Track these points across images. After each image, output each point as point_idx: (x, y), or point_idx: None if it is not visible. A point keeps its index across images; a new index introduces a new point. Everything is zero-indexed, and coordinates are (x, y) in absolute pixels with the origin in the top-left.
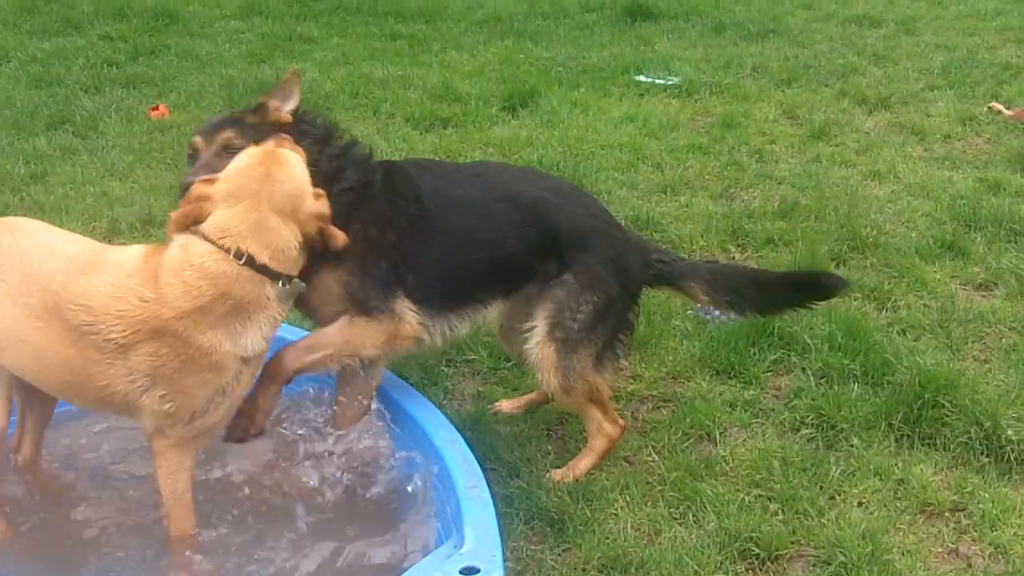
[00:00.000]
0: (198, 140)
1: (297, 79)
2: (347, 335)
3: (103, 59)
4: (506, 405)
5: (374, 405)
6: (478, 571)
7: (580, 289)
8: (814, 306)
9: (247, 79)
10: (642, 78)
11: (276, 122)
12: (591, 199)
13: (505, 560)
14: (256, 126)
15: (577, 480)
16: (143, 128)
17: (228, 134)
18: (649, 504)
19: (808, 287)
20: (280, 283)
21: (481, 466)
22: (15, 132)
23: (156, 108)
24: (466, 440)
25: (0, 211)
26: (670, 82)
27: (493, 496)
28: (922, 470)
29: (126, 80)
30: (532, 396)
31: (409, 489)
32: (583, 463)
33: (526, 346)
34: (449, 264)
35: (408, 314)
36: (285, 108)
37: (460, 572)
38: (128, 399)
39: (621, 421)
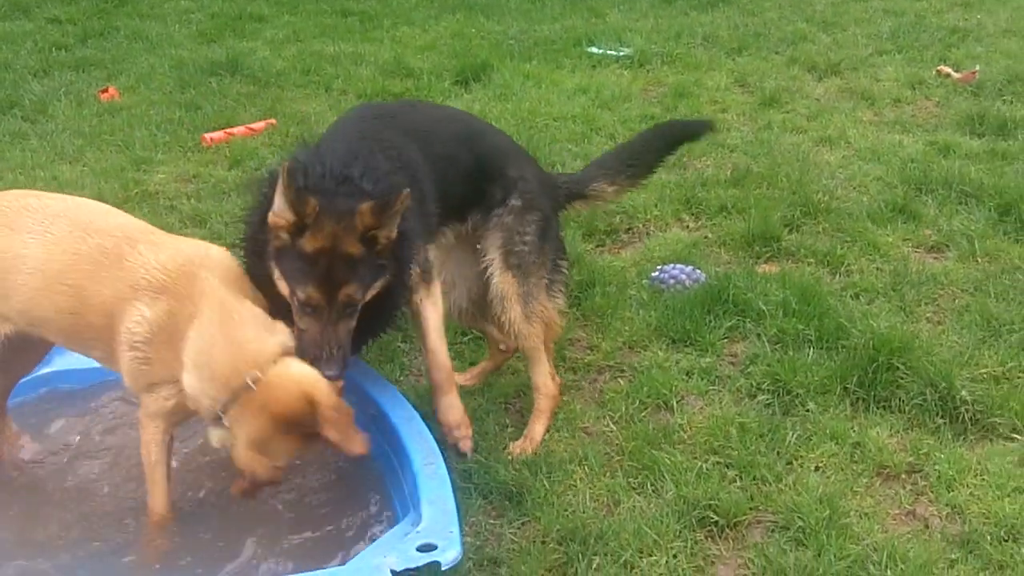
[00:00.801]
0: None
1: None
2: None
3: (51, 42)
4: (461, 379)
5: None
6: (435, 547)
7: (523, 210)
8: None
9: (197, 59)
10: (594, 50)
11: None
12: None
13: (463, 535)
14: None
15: (536, 450)
16: (93, 111)
17: None
18: (608, 475)
19: (682, 133)
20: None
21: (438, 442)
22: None
23: (106, 91)
24: (422, 416)
25: None
26: (622, 53)
27: (450, 472)
28: (878, 433)
29: (75, 63)
30: (485, 364)
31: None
32: (537, 428)
33: (488, 279)
34: (433, 204)
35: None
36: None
37: (417, 550)
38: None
39: (559, 379)
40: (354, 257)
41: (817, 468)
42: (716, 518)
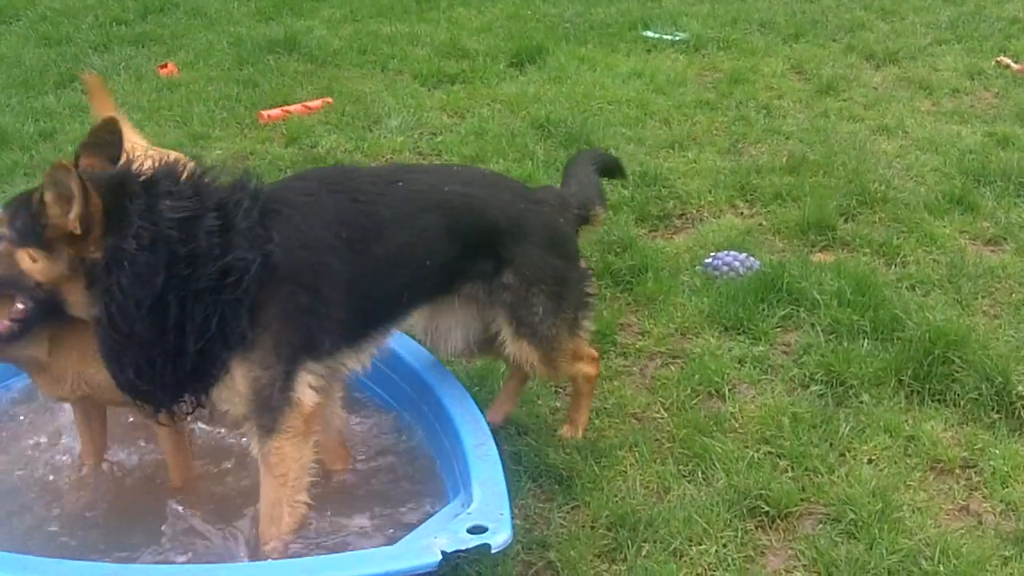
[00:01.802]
0: None
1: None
2: (270, 470)
3: (112, 17)
4: (494, 416)
5: None
6: (486, 530)
7: (527, 284)
8: None
9: (255, 37)
10: (649, 34)
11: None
12: (512, 180)
13: (513, 518)
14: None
15: (585, 433)
16: (152, 86)
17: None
18: (658, 461)
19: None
20: None
21: (489, 423)
22: (24, 90)
23: (165, 66)
24: (473, 398)
25: (9, 168)
26: (677, 38)
27: (501, 454)
28: (932, 427)
29: (135, 38)
30: (510, 385)
31: (415, 448)
32: (582, 413)
33: (504, 351)
34: (369, 301)
35: (306, 391)
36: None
37: (468, 531)
38: None
39: (593, 352)
40: None
41: (870, 461)
42: (767, 508)
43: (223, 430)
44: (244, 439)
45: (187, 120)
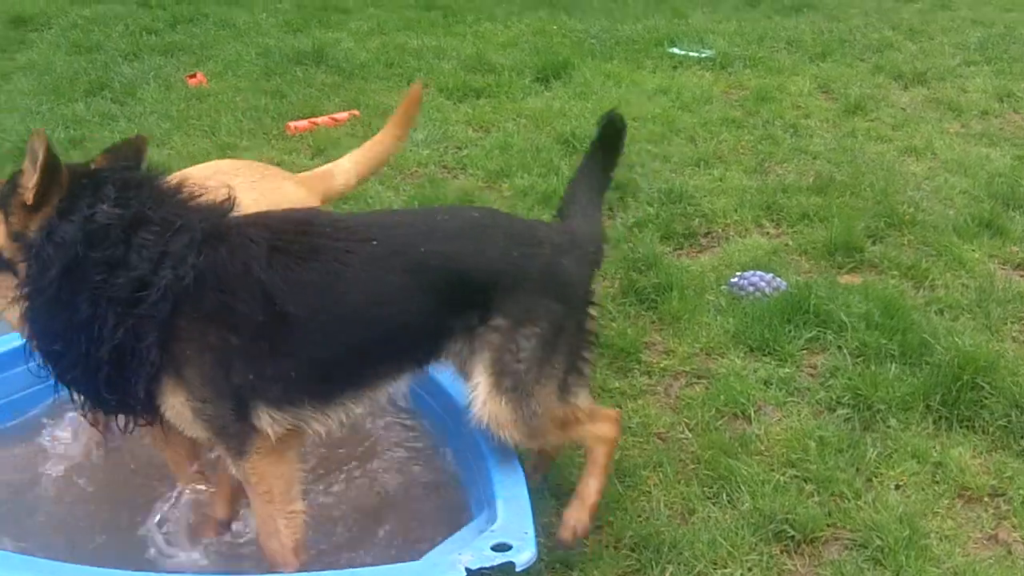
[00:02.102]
0: None
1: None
2: (262, 497)
3: (142, 26)
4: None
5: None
6: (510, 547)
7: (515, 324)
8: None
9: (284, 48)
10: (676, 51)
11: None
12: (509, 220)
13: (537, 536)
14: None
15: (593, 517)
16: (180, 95)
17: None
18: (682, 482)
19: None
20: None
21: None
22: (55, 97)
23: (194, 76)
24: None
25: None
26: (704, 55)
27: (525, 472)
28: (960, 453)
29: (164, 48)
30: (533, 463)
31: (440, 465)
32: (592, 488)
33: (472, 409)
34: (326, 358)
35: (268, 421)
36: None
37: (492, 548)
38: None
39: (612, 411)
40: None
41: (897, 487)
42: (792, 532)
43: None
44: None
45: (215, 130)
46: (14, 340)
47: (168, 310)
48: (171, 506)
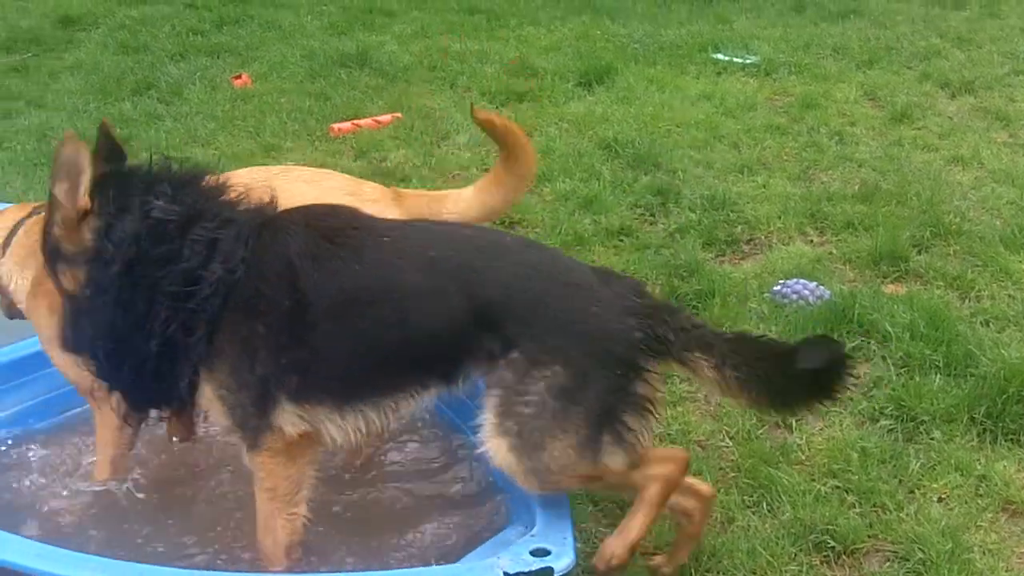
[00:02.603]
0: None
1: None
2: (266, 492)
3: (188, 27)
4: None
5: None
6: (549, 552)
7: (529, 366)
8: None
9: (328, 50)
10: (720, 56)
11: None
12: (540, 252)
13: (575, 542)
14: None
15: (632, 553)
16: (226, 96)
17: None
18: (722, 491)
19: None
20: None
21: None
22: (102, 97)
23: (239, 77)
24: None
25: None
26: (748, 61)
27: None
28: (1005, 467)
29: (210, 48)
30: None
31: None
32: (637, 523)
33: (479, 445)
34: (346, 356)
35: (289, 419)
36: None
37: (530, 553)
38: None
39: (678, 452)
40: None
41: (940, 499)
42: (833, 543)
43: None
44: None
45: (260, 131)
46: None
47: (219, 304)
48: None
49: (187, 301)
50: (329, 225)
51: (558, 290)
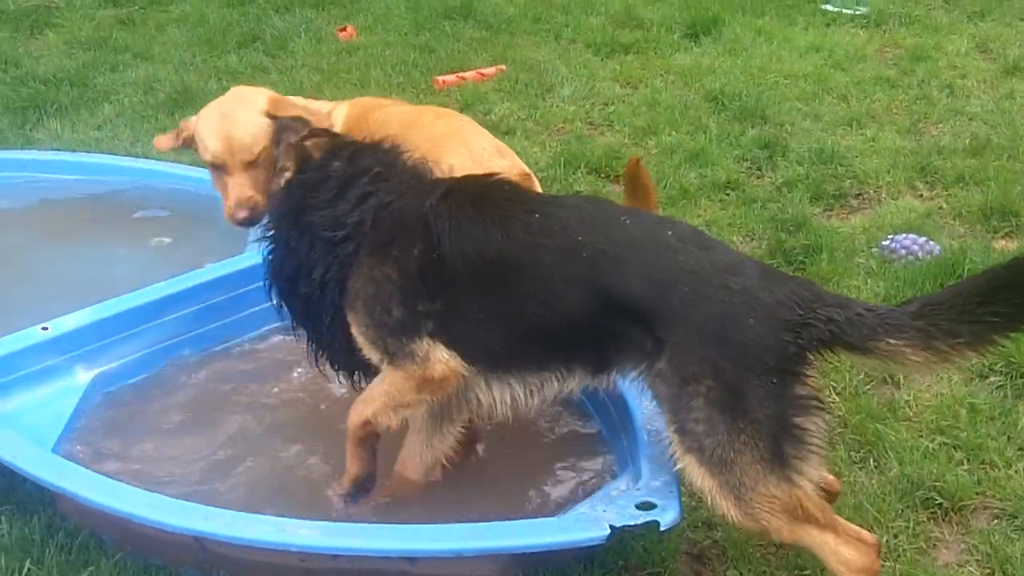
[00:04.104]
0: None
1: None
2: (384, 386)
3: None
4: None
5: None
6: (655, 506)
7: (681, 381)
8: None
9: (432, 2)
10: (829, 7)
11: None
12: (702, 250)
13: (681, 497)
14: None
15: None
16: (331, 49)
17: None
18: (829, 447)
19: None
20: None
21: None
22: (208, 49)
23: (344, 29)
24: None
25: None
26: (858, 12)
27: None
28: None
29: (315, 1)
30: None
31: (584, 421)
32: None
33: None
34: (485, 319)
35: (437, 354)
36: None
37: (636, 507)
38: None
39: (869, 537)
40: None
41: None
42: (940, 500)
43: None
44: None
45: (364, 83)
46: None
47: (354, 248)
48: None
49: (333, 245)
50: (478, 192)
51: (714, 294)
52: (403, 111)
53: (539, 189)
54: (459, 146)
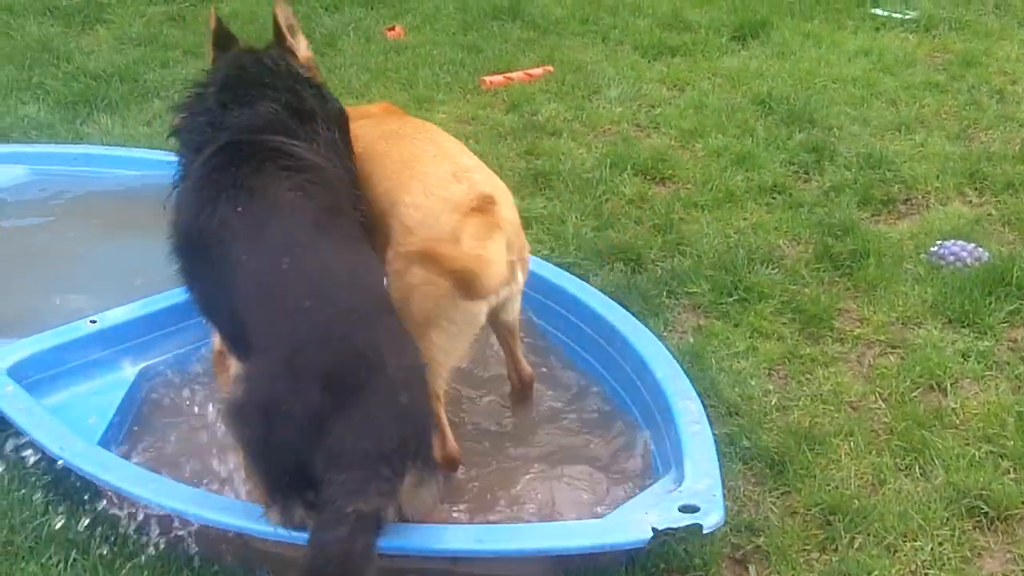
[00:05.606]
0: None
1: None
2: None
3: None
4: None
5: None
6: (698, 509)
7: None
8: None
9: (480, 2)
10: (879, 11)
11: None
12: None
13: (724, 499)
14: None
15: None
16: (379, 48)
17: None
18: (874, 452)
19: None
20: None
21: (703, 403)
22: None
23: (392, 28)
24: (687, 374)
25: None
26: (907, 16)
27: (714, 435)
28: None
29: (364, 0)
30: None
31: (626, 423)
32: None
33: None
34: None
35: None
36: None
37: (679, 510)
38: None
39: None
40: None
41: None
42: (986, 508)
43: None
44: None
45: (412, 83)
46: None
47: None
48: None
49: None
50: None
51: None
52: (367, 131)
53: (508, 211)
54: (411, 179)
